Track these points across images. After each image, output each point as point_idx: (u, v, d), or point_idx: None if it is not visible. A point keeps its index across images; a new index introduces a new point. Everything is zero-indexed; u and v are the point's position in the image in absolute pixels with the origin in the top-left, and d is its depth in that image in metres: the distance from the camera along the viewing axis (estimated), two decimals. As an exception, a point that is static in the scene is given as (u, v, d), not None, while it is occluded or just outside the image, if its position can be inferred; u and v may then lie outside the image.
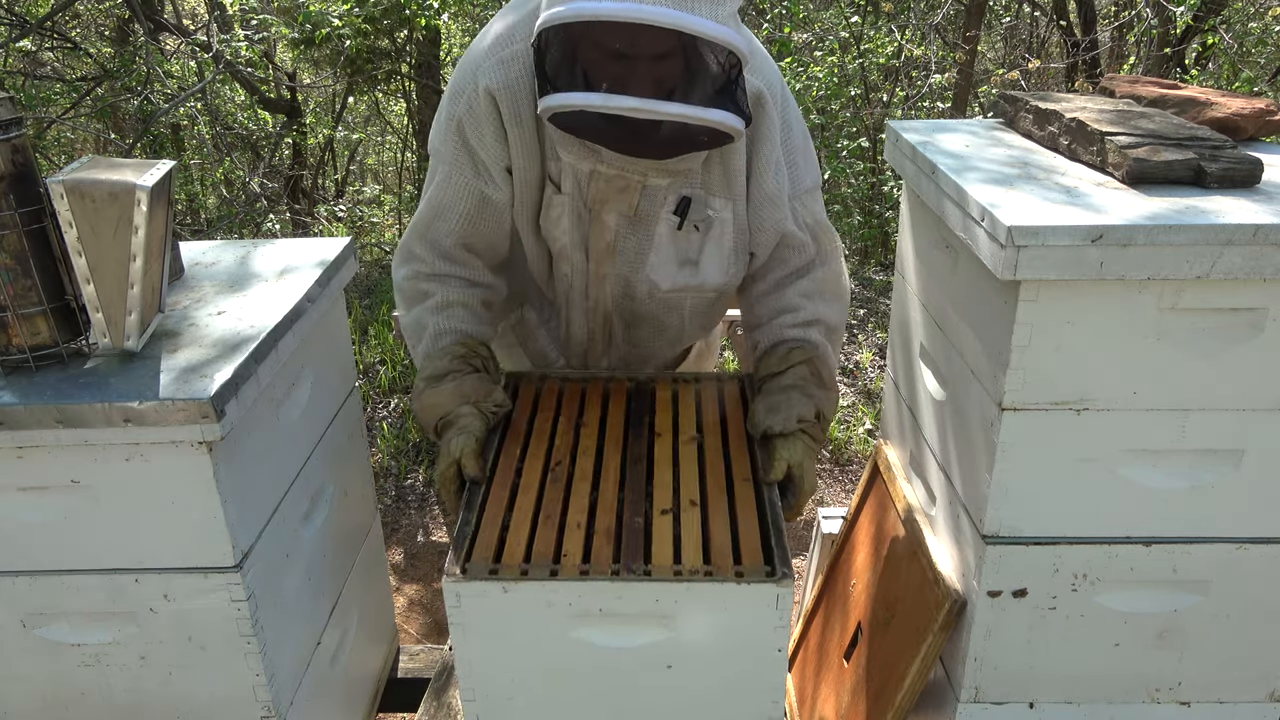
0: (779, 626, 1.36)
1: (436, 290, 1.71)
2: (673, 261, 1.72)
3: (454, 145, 1.65)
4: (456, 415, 1.61)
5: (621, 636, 1.39)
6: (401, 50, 6.81)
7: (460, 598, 1.35)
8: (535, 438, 1.63)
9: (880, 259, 6.38)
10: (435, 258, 1.71)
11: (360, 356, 4.24)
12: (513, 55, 1.56)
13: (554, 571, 1.35)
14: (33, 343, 1.35)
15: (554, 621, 1.37)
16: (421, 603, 2.97)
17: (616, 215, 1.66)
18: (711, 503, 1.49)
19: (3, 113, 1.28)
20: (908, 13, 6.86)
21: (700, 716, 1.46)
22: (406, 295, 1.76)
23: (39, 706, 1.54)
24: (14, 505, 1.37)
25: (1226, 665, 1.60)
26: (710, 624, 1.37)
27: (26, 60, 6.73)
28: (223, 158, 6.90)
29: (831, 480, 3.51)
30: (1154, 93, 1.78)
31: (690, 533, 1.42)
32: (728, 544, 1.40)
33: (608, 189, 1.62)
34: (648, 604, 1.35)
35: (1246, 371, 1.39)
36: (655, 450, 1.61)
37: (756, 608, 1.35)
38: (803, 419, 1.61)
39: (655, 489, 1.52)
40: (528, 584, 1.35)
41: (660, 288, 1.75)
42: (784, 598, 1.34)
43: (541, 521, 1.45)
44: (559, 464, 1.57)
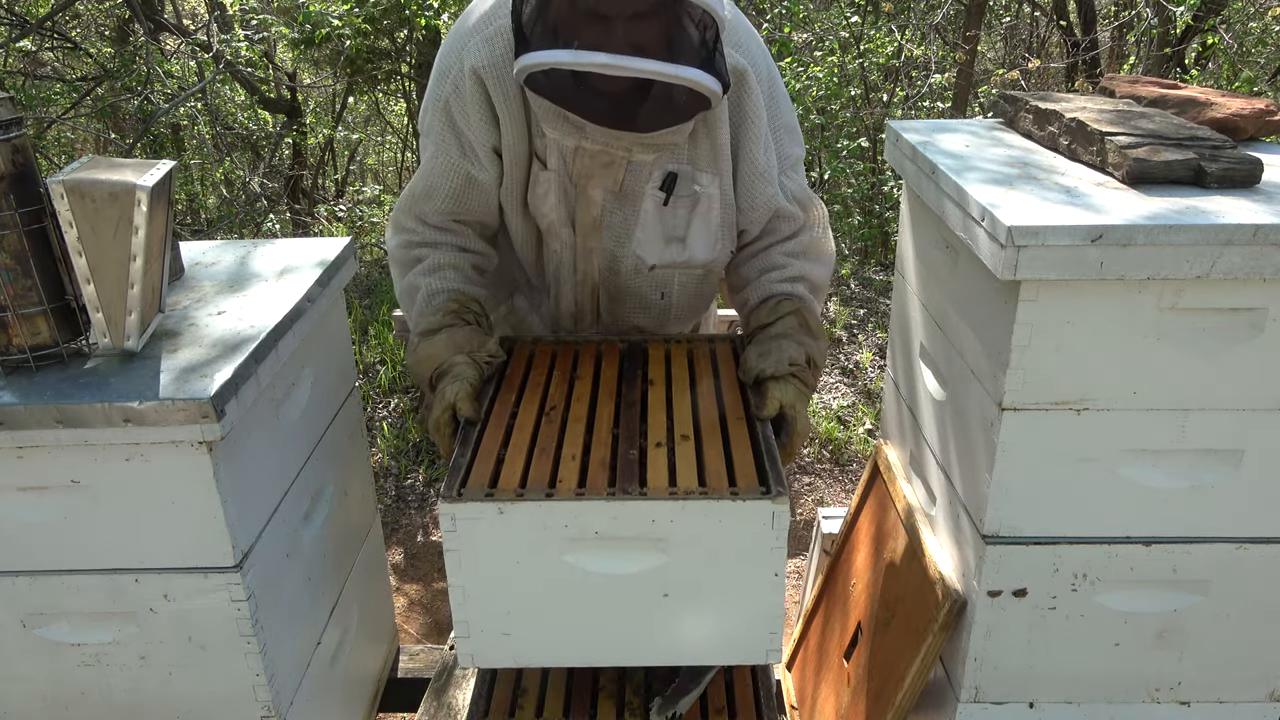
0: (776, 548, 1.34)
1: (428, 254, 1.74)
2: (659, 237, 1.74)
3: (441, 126, 1.67)
4: (451, 364, 1.62)
5: (617, 562, 1.37)
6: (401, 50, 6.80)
7: (456, 520, 1.34)
8: (529, 388, 1.65)
9: (880, 259, 6.38)
10: (425, 228, 1.75)
11: (360, 356, 4.24)
12: (496, 32, 1.57)
13: (549, 495, 1.35)
14: (33, 343, 1.35)
15: (550, 545, 1.35)
16: (421, 603, 2.96)
17: (602, 191, 1.68)
18: (705, 436, 1.49)
19: (3, 113, 1.28)
20: (908, 13, 6.86)
21: (698, 647, 1.44)
22: (400, 262, 1.78)
23: (39, 706, 1.54)
24: (14, 505, 1.37)
25: (1226, 665, 1.60)
26: (706, 546, 1.35)
27: (26, 60, 6.73)
28: (223, 158, 6.90)
29: (831, 480, 3.51)
30: (1154, 93, 1.78)
31: (685, 460, 1.43)
32: (723, 470, 1.41)
33: (592, 164, 1.64)
34: (644, 525, 1.34)
35: (1246, 371, 1.39)
36: (649, 396, 1.63)
37: (753, 527, 1.33)
38: (794, 362, 1.63)
39: (649, 428, 1.53)
40: (524, 505, 1.34)
41: (647, 263, 1.76)
42: (780, 516, 1.33)
43: (536, 454, 1.45)
44: (553, 408, 1.59)
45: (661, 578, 1.38)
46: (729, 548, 1.35)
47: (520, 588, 1.38)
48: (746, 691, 1.62)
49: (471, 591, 1.39)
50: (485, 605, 1.40)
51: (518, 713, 1.59)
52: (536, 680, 1.65)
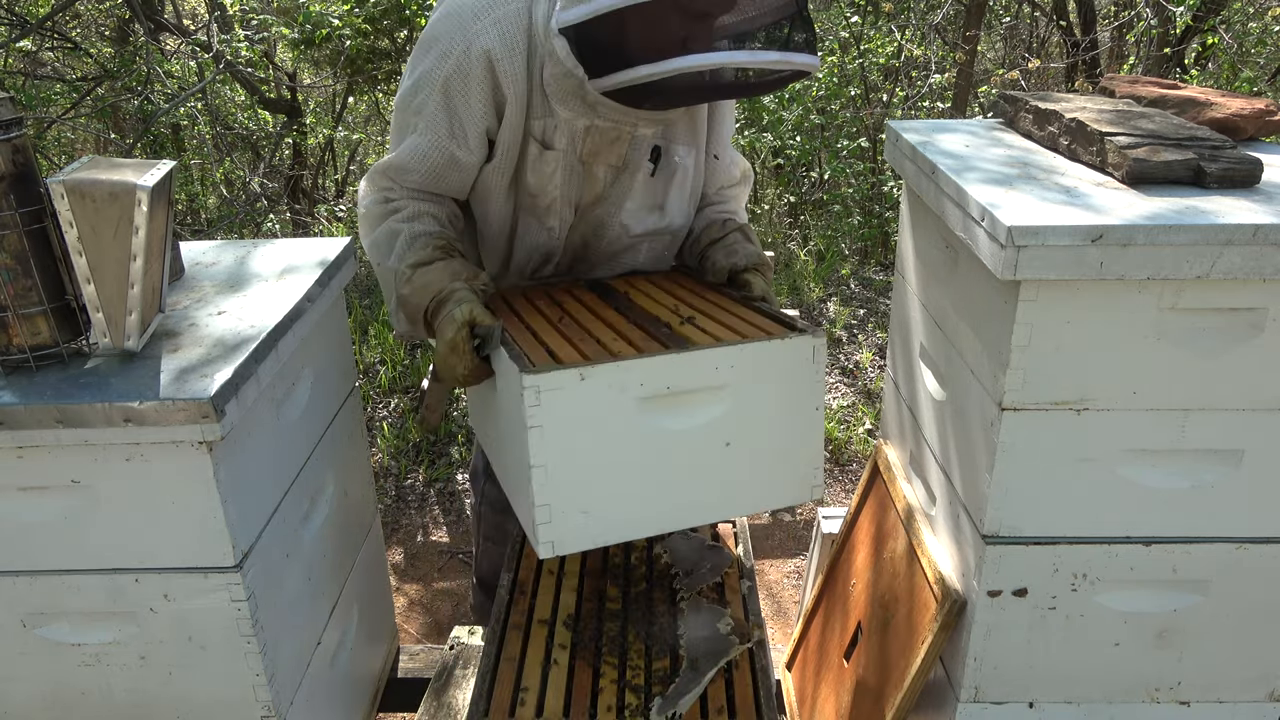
0: (816, 382, 1.54)
1: (406, 205, 1.73)
2: (644, 207, 1.83)
3: (435, 105, 1.66)
4: (450, 290, 1.60)
5: (687, 415, 1.47)
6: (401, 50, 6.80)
7: (540, 393, 1.36)
8: (527, 316, 1.68)
9: (880, 259, 6.38)
10: (401, 189, 1.75)
11: (360, 356, 4.24)
12: (506, 16, 1.61)
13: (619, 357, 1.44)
14: (33, 343, 1.35)
15: (625, 408, 1.42)
16: (421, 603, 2.96)
17: (605, 167, 1.75)
18: (713, 313, 1.63)
19: (3, 113, 1.28)
20: (908, 13, 6.86)
21: (754, 494, 1.59)
22: (373, 216, 1.75)
23: (39, 706, 1.54)
24: (14, 505, 1.37)
25: (1226, 665, 1.60)
26: (761, 386, 1.49)
27: (26, 60, 6.73)
28: (223, 158, 6.89)
29: (831, 480, 3.51)
30: (1154, 93, 1.78)
31: (712, 326, 1.56)
32: (749, 326, 1.55)
33: (600, 142, 1.71)
34: (709, 374, 1.45)
35: (1246, 371, 1.39)
36: (639, 300, 1.73)
37: (799, 361, 1.51)
38: (760, 257, 1.79)
39: (659, 313, 1.64)
40: (602, 368, 1.39)
41: (631, 231, 1.85)
42: (819, 350, 1.53)
43: (578, 341, 1.52)
44: (563, 319, 1.64)
45: (724, 426, 1.49)
46: (780, 386, 1.50)
47: (598, 458, 1.42)
48: (746, 691, 1.62)
49: (553, 470, 1.40)
50: (566, 483, 1.41)
51: (518, 712, 1.59)
52: (536, 680, 1.65)
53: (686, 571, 1.89)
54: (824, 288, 5.10)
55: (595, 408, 1.40)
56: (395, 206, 1.73)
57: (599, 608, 1.82)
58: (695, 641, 1.71)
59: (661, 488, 1.48)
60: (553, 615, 1.79)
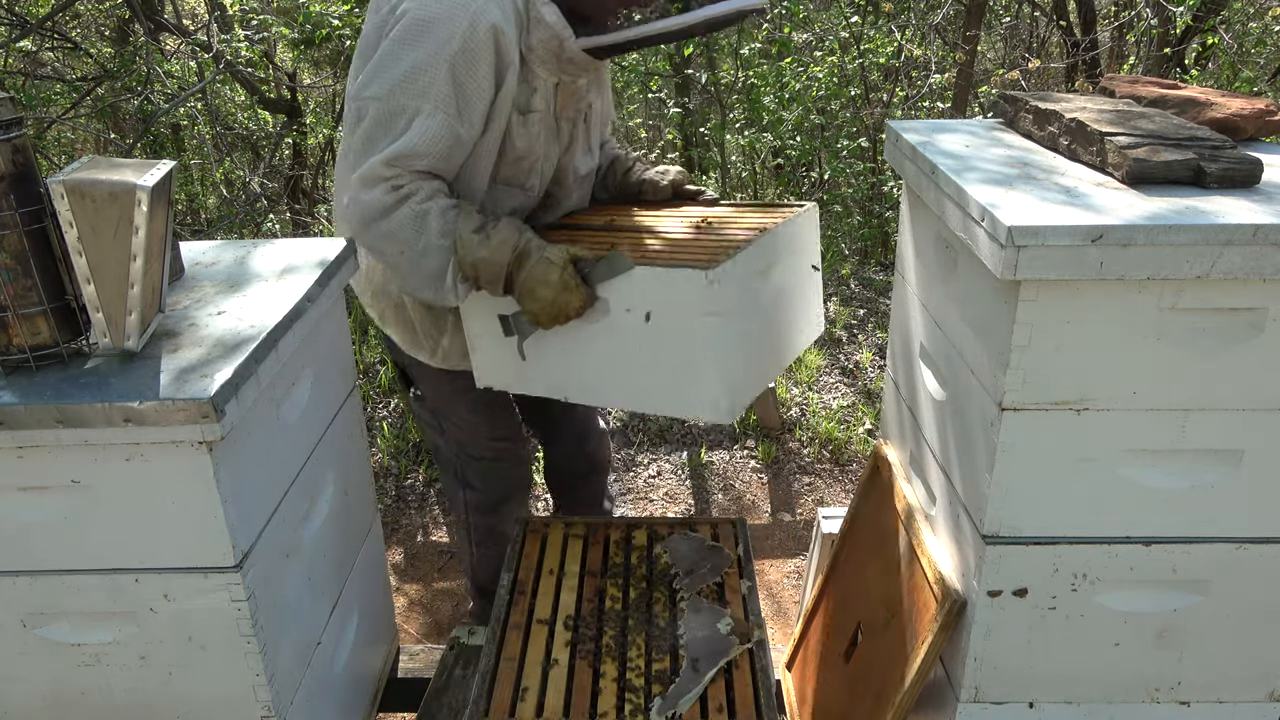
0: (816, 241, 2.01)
1: (420, 187, 1.71)
2: (584, 150, 2.01)
3: (443, 85, 1.66)
4: (526, 241, 1.72)
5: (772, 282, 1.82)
6: (401, 50, 6.79)
7: (714, 284, 1.60)
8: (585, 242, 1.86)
9: (880, 259, 6.38)
10: (410, 174, 1.71)
11: (360, 356, 4.24)
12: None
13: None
14: (33, 343, 1.35)
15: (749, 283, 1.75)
16: (421, 603, 2.96)
17: (567, 119, 1.91)
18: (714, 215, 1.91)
19: (3, 113, 1.28)
20: (908, 13, 6.86)
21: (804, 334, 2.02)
22: (382, 206, 1.69)
23: (39, 706, 1.54)
24: (14, 505, 1.37)
25: (1226, 665, 1.60)
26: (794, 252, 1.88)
27: (26, 60, 6.73)
28: (223, 158, 6.89)
29: (831, 480, 3.51)
30: (1154, 93, 1.78)
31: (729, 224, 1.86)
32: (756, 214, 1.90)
33: (566, 96, 1.86)
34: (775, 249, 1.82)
35: (1246, 371, 1.39)
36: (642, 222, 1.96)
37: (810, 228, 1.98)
38: (682, 170, 2.12)
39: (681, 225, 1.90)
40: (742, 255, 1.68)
41: (579, 174, 2.02)
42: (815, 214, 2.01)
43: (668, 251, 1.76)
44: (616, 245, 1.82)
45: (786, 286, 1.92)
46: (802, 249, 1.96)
47: (740, 329, 1.73)
48: (746, 691, 1.63)
49: (724, 348, 1.68)
50: (730, 355, 1.70)
51: (518, 712, 1.59)
52: (536, 680, 1.65)
53: (686, 571, 1.89)
54: (824, 288, 5.10)
55: (736, 288, 1.66)
56: (408, 191, 1.70)
57: (599, 608, 1.82)
58: (695, 641, 1.71)
59: (767, 342, 1.83)
60: (553, 615, 1.79)
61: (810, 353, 4.26)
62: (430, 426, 2.23)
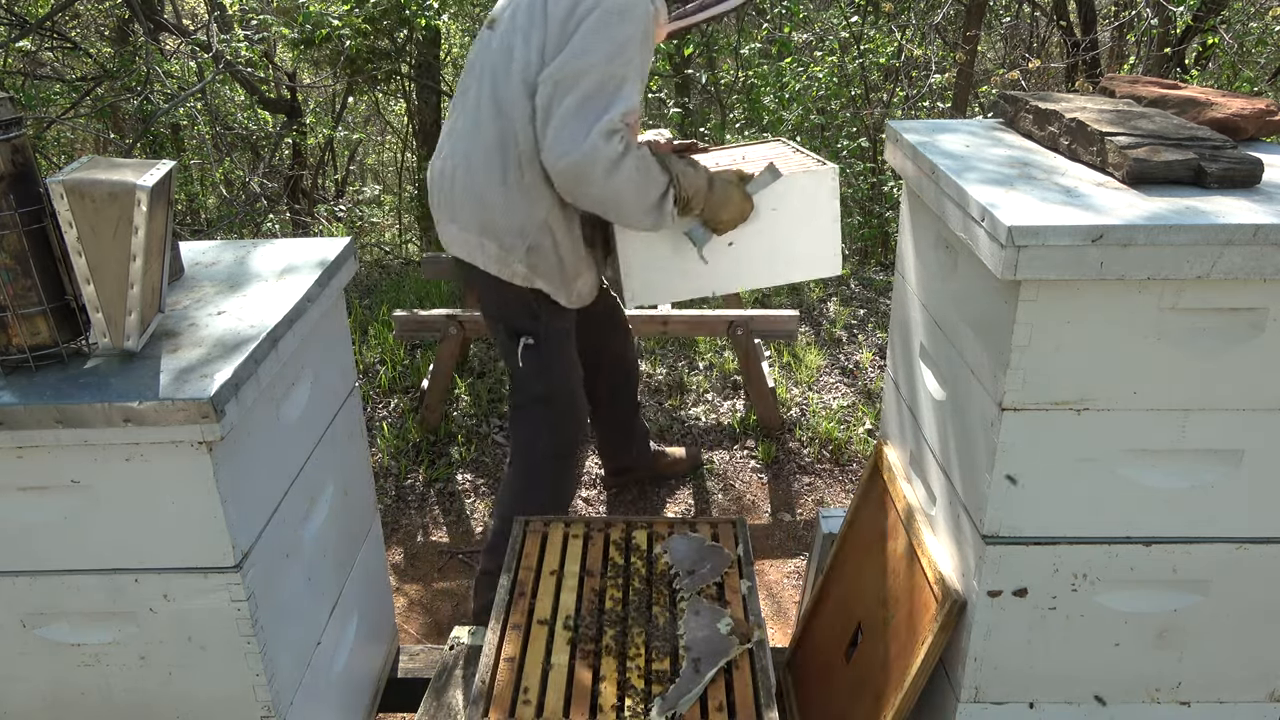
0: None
1: (631, 138, 2.12)
2: None
3: (637, 59, 2.10)
4: (706, 168, 2.30)
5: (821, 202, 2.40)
6: (401, 50, 6.80)
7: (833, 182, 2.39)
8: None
9: (880, 259, 6.38)
10: (625, 128, 2.10)
11: (360, 356, 4.24)
12: None
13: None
14: (33, 343, 1.35)
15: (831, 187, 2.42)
16: (421, 603, 2.96)
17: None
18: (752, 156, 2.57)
19: (3, 113, 1.28)
20: (908, 13, 6.86)
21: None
22: (618, 154, 2.07)
23: (39, 706, 1.54)
24: (14, 505, 1.37)
25: (1226, 665, 1.60)
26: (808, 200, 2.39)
27: (26, 60, 6.73)
28: (223, 158, 6.89)
29: (831, 480, 3.50)
30: (1154, 93, 1.78)
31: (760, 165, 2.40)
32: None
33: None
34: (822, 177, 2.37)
35: (1246, 371, 1.39)
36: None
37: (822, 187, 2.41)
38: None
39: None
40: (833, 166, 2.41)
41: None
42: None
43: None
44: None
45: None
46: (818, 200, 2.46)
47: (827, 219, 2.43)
48: (746, 691, 1.62)
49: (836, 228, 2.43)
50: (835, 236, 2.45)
51: (518, 712, 1.59)
52: (536, 680, 1.65)
53: (687, 571, 1.89)
54: (824, 288, 5.10)
55: (833, 190, 2.38)
56: (629, 141, 2.10)
57: (599, 608, 1.82)
58: (695, 641, 1.71)
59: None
60: (553, 615, 1.79)
61: (810, 353, 4.26)
62: (535, 375, 2.48)
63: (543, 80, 2.10)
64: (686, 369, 4.16)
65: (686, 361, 4.23)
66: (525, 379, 2.48)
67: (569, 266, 2.36)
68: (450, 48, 8.25)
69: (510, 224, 2.24)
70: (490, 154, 2.21)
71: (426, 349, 4.25)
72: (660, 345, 4.32)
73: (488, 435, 3.69)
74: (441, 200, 2.34)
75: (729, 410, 3.88)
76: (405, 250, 7.64)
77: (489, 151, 2.22)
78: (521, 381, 2.50)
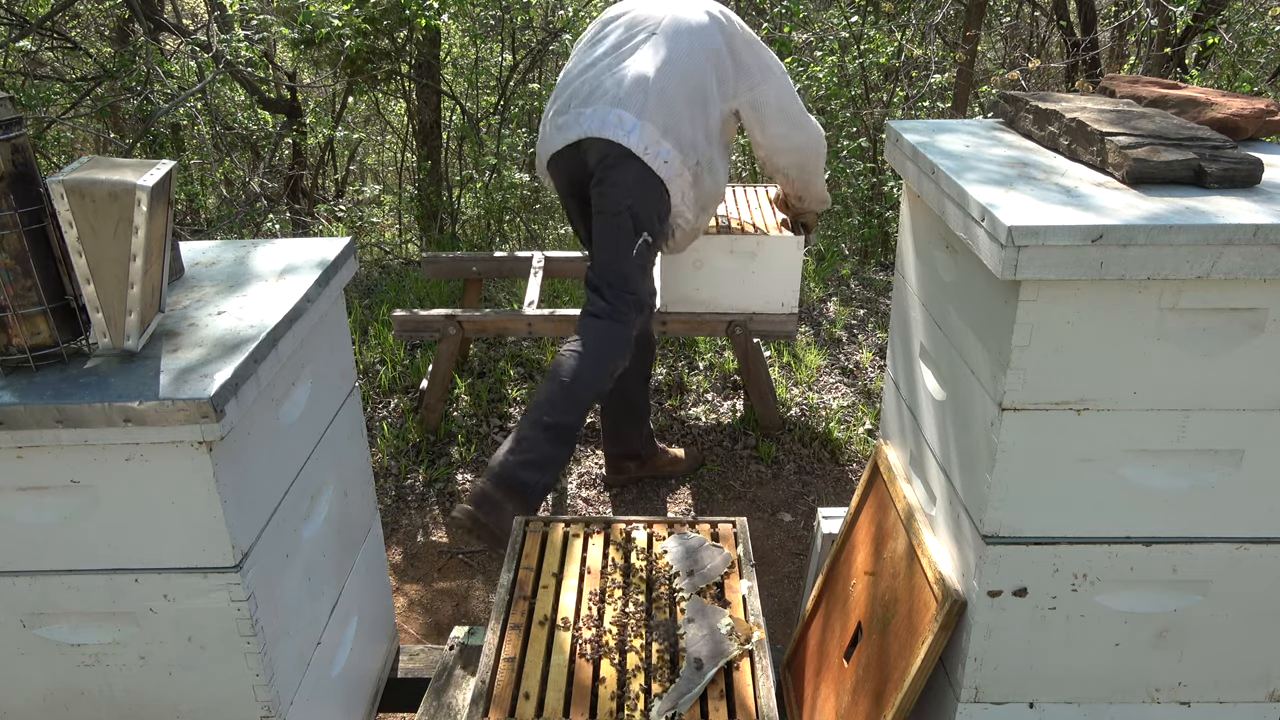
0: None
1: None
2: None
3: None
4: None
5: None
6: (401, 50, 6.80)
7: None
8: None
9: (880, 259, 6.37)
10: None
11: (360, 356, 4.24)
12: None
13: None
14: (33, 343, 1.35)
15: None
16: (421, 603, 2.96)
17: None
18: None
19: (3, 113, 1.28)
20: (908, 13, 6.86)
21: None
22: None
23: (39, 706, 1.54)
24: (14, 505, 1.37)
25: (1226, 665, 1.60)
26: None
27: (26, 60, 6.73)
28: (223, 158, 6.89)
29: (831, 480, 3.50)
30: (1154, 93, 1.78)
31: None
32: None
33: None
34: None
35: (1246, 371, 1.39)
36: None
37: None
38: None
39: None
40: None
41: None
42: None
43: None
44: None
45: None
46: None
47: None
48: (746, 691, 1.62)
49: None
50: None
51: (518, 712, 1.59)
52: (536, 680, 1.65)
53: (687, 571, 1.89)
54: (824, 288, 5.10)
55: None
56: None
57: (599, 607, 1.82)
58: (695, 641, 1.71)
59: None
60: (553, 615, 1.79)
61: (810, 353, 4.26)
62: (640, 271, 2.78)
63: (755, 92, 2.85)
64: (686, 369, 4.16)
65: (686, 361, 4.23)
66: (631, 272, 2.76)
67: (710, 197, 2.87)
68: (450, 48, 8.24)
69: (694, 138, 2.70)
70: (688, 80, 2.71)
71: (426, 349, 4.25)
72: (660, 345, 4.32)
73: (488, 435, 3.69)
74: (624, 95, 2.67)
75: (729, 410, 3.88)
76: (405, 250, 7.63)
77: (686, 77, 2.71)
78: (627, 274, 2.75)
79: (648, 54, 2.74)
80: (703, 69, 2.72)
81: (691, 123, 2.70)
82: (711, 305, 3.46)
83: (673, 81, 2.69)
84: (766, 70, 2.80)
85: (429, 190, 7.34)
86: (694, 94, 2.71)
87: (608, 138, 2.66)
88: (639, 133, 2.65)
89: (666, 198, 2.75)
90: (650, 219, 2.75)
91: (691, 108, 2.70)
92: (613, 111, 2.67)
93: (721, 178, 2.88)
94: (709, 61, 2.72)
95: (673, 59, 2.71)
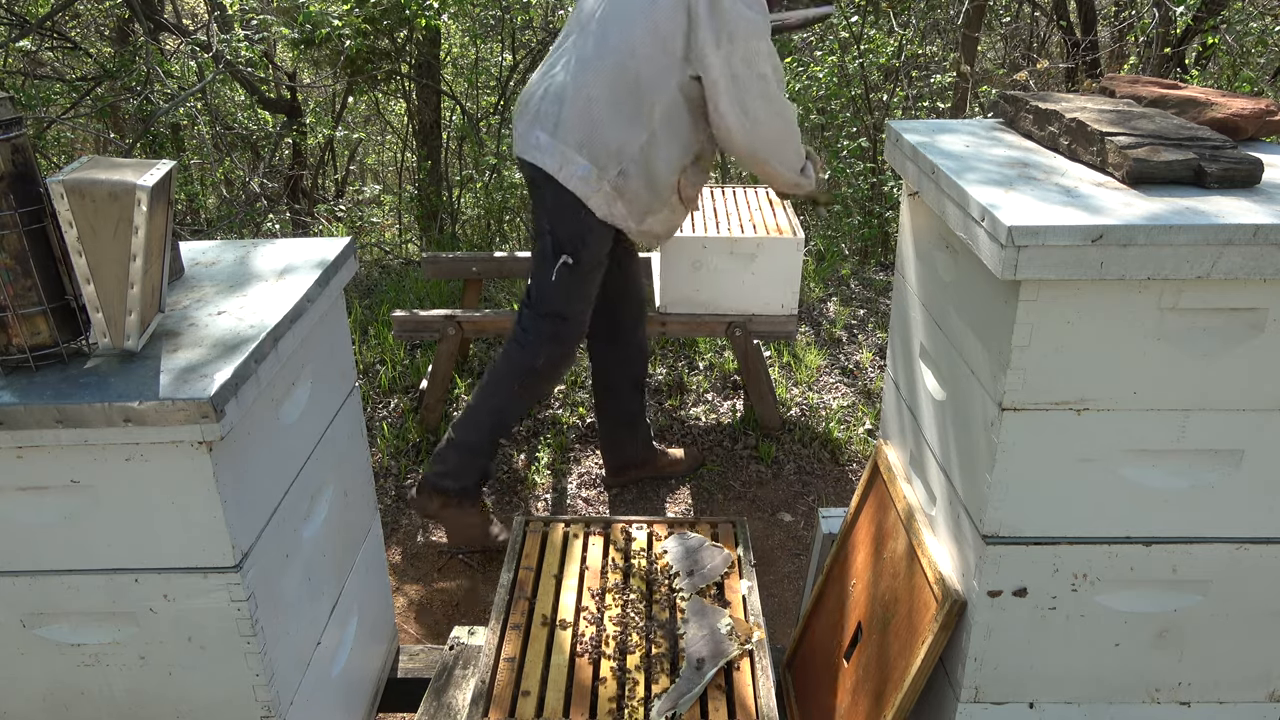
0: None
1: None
2: None
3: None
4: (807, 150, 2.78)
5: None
6: (401, 50, 6.80)
7: None
8: None
9: (880, 259, 6.37)
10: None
11: (360, 356, 4.24)
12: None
13: None
14: (33, 343, 1.35)
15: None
16: (421, 603, 2.96)
17: None
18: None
19: (3, 113, 1.28)
20: (908, 13, 6.86)
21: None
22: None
23: (39, 706, 1.54)
24: (14, 505, 1.37)
25: (1226, 665, 1.60)
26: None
27: (26, 60, 6.73)
28: (223, 158, 6.89)
29: (831, 480, 3.50)
30: (1154, 93, 1.78)
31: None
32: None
33: None
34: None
35: (1246, 371, 1.39)
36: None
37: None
38: None
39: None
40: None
41: None
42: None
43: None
44: None
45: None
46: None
47: None
48: (746, 691, 1.63)
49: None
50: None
51: (518, 712, 1.59)
52: (536, 680, 1.65)
53: (687, 571, 1.89)
54: (824, 288, 5.10)
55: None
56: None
57: (599, 607, 1.82)
58: (695, 641, 1.71)
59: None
60: (553, 615, 1.79)
61: (810, 353, 4.26)
62: (561, 294, 2.69)
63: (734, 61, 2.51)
64: (686, 369, 4.16)
65: (686, 361, 4.23)
66: (551, 294, 2.69)
67: (662, 205, 2.65)
68: (450, 47, 8.25)
69: (620, 141, 2.50)
70: (616, 74, 2.49)
71: (426, 349, 4.25)
72: (660, 345, 4.32)
73: (488, 435, 3.68)
74: (542, 111, 2.57)
75: (729, 410, 3.87)
76: (405, 250, 7.63)
77: (615, 71, 2.49)
78: (546, 294, 2.70)
79: (571, 56, 2.57)
80: (638, 48, 2.44)
81: (615, 124, 2.49)
82: (711, 306, 3.46)
83: (593, 81, 2.49)
84: (727, 36, 2.37)
85: (429, 190, 7.34)
86: (622, 87, 2.47)
87: (529, 160, 2.59)
88: (553, 152, 2.54)
89: (588, 215, 2.58)
90: (570, 239, 2.61)
91: (617, 106, 2.48)
92: (532, 132, 2.58)
93: (674, 158, 2.57)
94: (650, 34, 2.42)
95: (601, 53, 2.49)
